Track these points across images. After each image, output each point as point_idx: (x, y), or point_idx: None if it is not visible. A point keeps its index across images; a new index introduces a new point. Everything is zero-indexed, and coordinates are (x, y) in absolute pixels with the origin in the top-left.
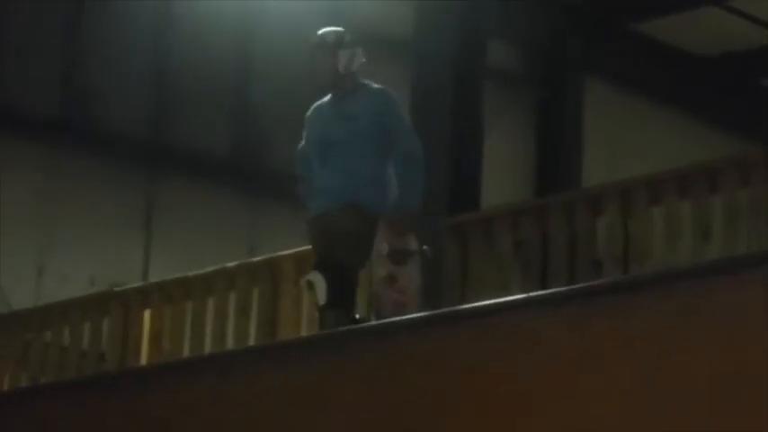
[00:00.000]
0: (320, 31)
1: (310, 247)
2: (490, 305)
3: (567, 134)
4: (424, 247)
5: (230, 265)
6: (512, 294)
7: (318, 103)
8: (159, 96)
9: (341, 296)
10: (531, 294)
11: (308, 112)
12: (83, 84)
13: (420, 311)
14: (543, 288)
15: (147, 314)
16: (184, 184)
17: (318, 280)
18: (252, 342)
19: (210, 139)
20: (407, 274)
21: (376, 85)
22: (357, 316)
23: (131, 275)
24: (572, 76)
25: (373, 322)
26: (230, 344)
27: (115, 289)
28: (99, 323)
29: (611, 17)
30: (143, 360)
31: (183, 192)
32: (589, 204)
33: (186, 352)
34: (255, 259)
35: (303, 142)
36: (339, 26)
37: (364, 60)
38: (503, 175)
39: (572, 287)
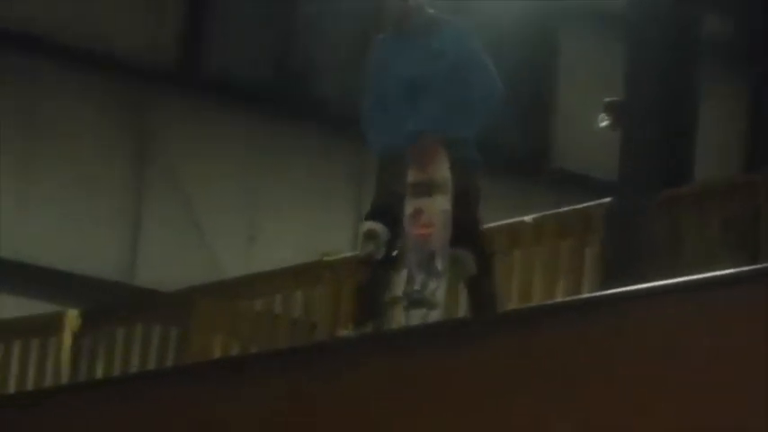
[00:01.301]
0: None
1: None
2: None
3: None
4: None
5: None
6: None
7: (384, 37)
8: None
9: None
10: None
11: (375, 49)
12: (295, 55)
13: (446, 246)
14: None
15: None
16: None
17: (381, 230)
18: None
19: None
20: (433, 207)
21: (457, 22)
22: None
23: (341, 245)
24: None
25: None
26: None
27: (325, 259)
28: (311, 292)
29: None
30: None
31: None
32: None
33: None
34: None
35: (374, 80)
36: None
37: None
38: (714, 150)
39: None
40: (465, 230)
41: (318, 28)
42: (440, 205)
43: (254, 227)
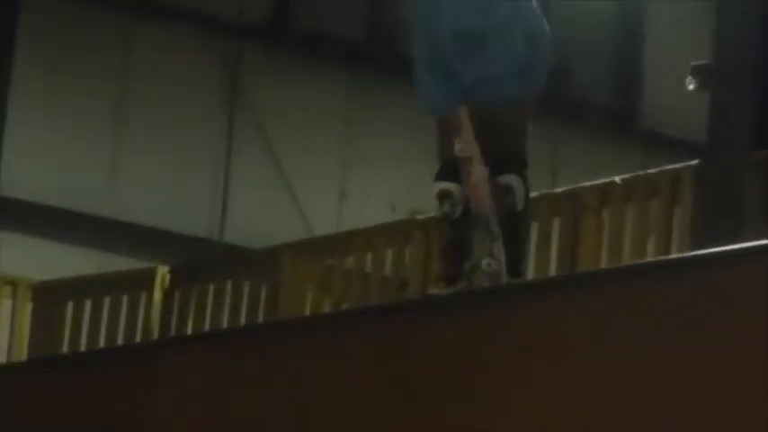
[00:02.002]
0: None
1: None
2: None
3: None
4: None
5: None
6: None
7: None
8: None
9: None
10: None
11: (421, 3)
12: (385, 12)
13: (485, 209)
14: None
15: None
16: None
17: (454, 188)
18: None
19: None
20: (476, 170)
21: None
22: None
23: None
24: None
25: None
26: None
27: (417, 217)
28: (402, 250)
29: None
30: None
31: None
32: None
33: None
34: (557, 190)
35: (422, 35)
36: None
37: None
38: None
39: None
40: (514, 160)
41: None
42: (480, 166)
43: (344, 184)
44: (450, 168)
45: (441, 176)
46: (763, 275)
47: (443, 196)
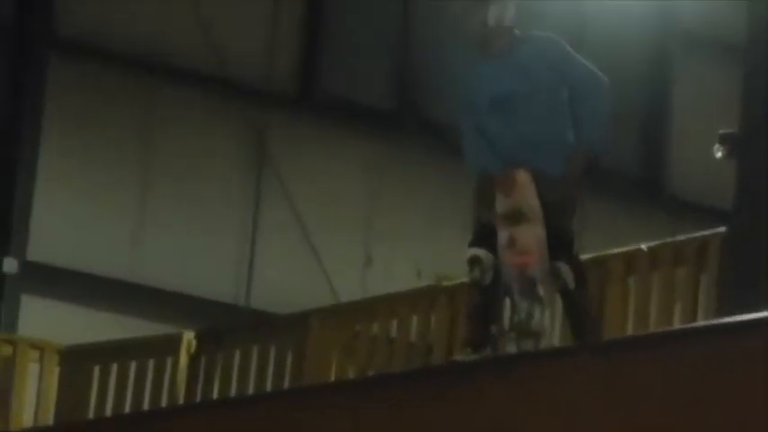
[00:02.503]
0: None
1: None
2: None
3: None
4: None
5: None
6: None
7: (472, 60)
8: None
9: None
10: None
11: (463, 72)
12: (411, 78)
13: (545, 271)
14: None
15: None
16: None
17: (485, 255)
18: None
19: None
20: (526, 234)
21: (539, 33)
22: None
23: (458, 269)
24: None
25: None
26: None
27: (443, 284)
28: (427, 316)
29: None
30: None
31: None
32: None
33: None
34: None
35: (466, 104)
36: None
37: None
38: None
39: None
40: (560, 242)
41: (434, 51)
42: (533, 231)
43: (370, 250)
44: (483, 235)
45: (473, 243)
46: None
47: (474, 262)
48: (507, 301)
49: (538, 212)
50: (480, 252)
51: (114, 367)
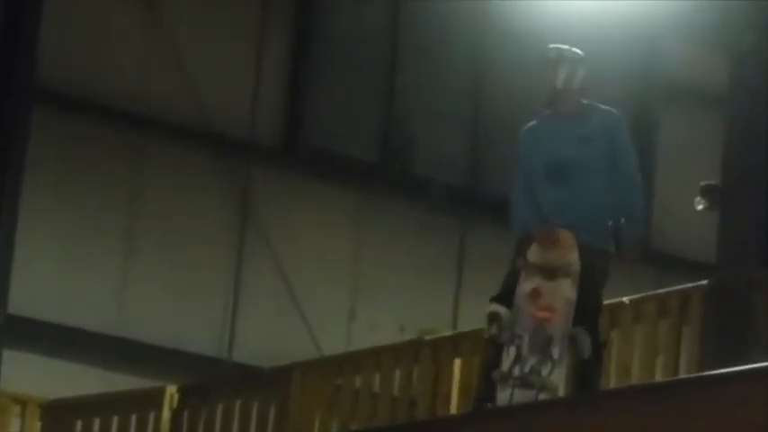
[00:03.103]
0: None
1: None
2: None
3: None
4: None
5: None
6: None
7: (535, 122)
8: (473, 142)
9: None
10: None
11: (524, 132)
12: (397, 131)
13: (566, 334)
14: None
15: (456, 363)
16: (496, 232)
17: (504, 312)
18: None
19: None
20: (556, 291)
21: (604, 107)
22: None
23: (441, 323)
24: None
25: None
26: None
27: (426, 338)
28: (410, 370)
29: None
30: (453, 409)
31: (495, 240)
32: None
33: None
34: None
35: (523, 162)
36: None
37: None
38: None
39: None
40: (585, 311)
41: (420, 104)
42: (564, 291)
43: (353, 304)
44: (508, 294)
45: (497, 299)
46: None
47: (492, 319)
48: (512, 350)
49: (575, 273)
50: (501, 309)
51: (97, 422)
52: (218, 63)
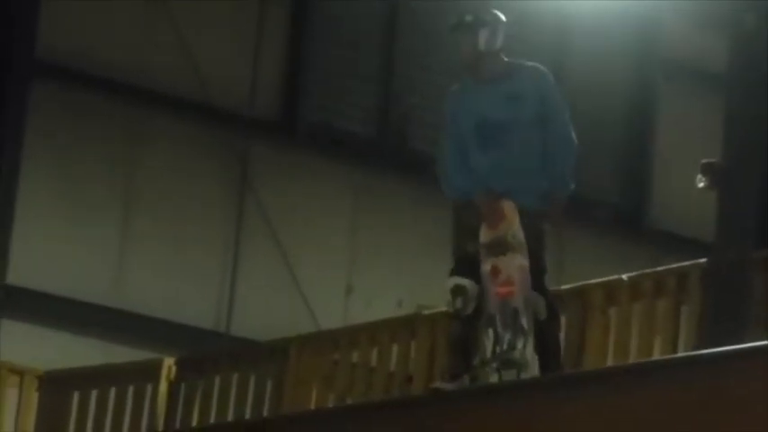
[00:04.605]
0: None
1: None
2: None
3: None
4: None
5: None
6: None
7: (458, 86)
8: None
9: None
10: None
11: (450, 97)
12: (394, 107)
13: (529, 302)
14: None
15: None
16: None
17: (469, 284)
18: None
19: None
20: (510, 265)
21: (530, 64)
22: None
23: (438, 298)
24: None
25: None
26: None
27: (423, 312)
28: (407, 345)
29: None
30: None
31: None
32: None
33: None
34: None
35: (451, 128)
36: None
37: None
38: None
39: None
40: (533, 274)
41: (418, 80)
42: (517, 260)
43: (351, 279)
44: (466, 264)
45: (456, 272)
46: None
47: (457, 292)
48: (490, 332)
49: (522, 243)
50: (465, 282)
51: (94, 393)
52: (217, 38)
